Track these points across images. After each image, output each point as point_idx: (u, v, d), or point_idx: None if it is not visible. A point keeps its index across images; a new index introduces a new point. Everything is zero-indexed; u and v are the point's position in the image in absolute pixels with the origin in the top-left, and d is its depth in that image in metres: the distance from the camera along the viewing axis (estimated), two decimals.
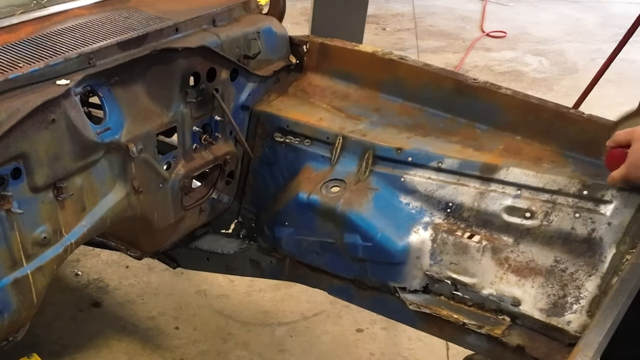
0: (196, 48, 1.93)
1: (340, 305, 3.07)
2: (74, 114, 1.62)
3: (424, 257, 1.98)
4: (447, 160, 1.93)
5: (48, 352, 2.74)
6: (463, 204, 1.91)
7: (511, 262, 1.85)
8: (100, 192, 1.78)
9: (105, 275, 3.29)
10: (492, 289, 1.89)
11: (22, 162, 1.53)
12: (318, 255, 2.17)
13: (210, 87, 2.02)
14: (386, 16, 7.06)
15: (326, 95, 2.26)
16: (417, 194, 1.97)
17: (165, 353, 2.87)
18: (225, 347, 2.92)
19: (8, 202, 1.53)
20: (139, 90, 1.83)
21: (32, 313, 1.70)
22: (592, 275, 1.74)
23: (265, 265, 2.37)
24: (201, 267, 2.51)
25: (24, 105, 1.51)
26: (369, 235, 2.03)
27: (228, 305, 3.16)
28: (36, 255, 1.64)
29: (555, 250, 1.79)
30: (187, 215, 2.14)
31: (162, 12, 2.03)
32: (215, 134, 2.10)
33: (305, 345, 2.96)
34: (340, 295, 2.28)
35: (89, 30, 1.86)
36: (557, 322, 1.80)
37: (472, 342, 1.98)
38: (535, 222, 1.81)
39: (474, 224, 1.90)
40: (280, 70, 2.29)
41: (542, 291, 1.81)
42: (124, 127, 1.78)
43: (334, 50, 2.28)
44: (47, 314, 2.95)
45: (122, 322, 3.01)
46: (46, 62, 1.64)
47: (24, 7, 1.94)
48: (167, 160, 2.00)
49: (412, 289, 2.04)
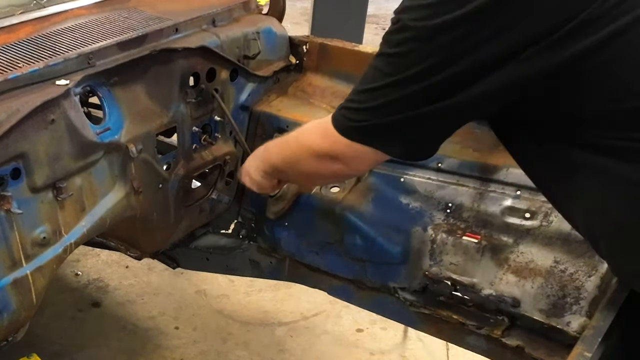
0: (196, 48, 1.93)
1: (340, 305, 3.07)
2: (74, 114, 1.62)
3: (423, 258, 1.97)
4: (447, 161, 1.93)
5: (48, 352, 2.74)
6: (463, 204, 1.91)
7: (511, 263, 1.84)
8: (99, 192, 1.78)
9: (105, 275, 3.29)
10: (491, 289, 1.88)
11: (21, 162, 1.53)
12: (318, 255, 2.18)
13: (210, 87, 2.02)
14: (386, 16, 7.03)
15: (326, 95, 2.26)
16: (417, 194, 1.97)
17: (165, 353, 2.87)
18: (225, 347, 2.92)
19: (8, 202, 1.52)
20: (138, 91, 1.83)
21: (31, 313, 1.70)
22: (592, 275, 1.74)
23: (265, 266, 2.37)
24: (201, 267, 2.52)
25: (23, 105, 1.50)
26: (368, 236, 2.03)
27: (228, 305, 3.16)
28: (36, 256, 1.64)
29: (555, 250, 1.78)
30: (187, 215, 2.14)
31: (162, 12, 2.03)
32: (215, 134, 2.10)
33: (305, 345, 2.96)
34: (340, 295, 2.28)
35: (89, 30, 1.86)
36: (557, 323, 1.80)
37: (472, 343, 1.99)
38: (535, 222, 1.81)
39: (473, 224, 1.90)
40: (280, 71, 2.29)
41: (542, 292, 1.80)
42: (123, 127, 1.78)
43: (334, 50, 2.28)
44: (47, 314, 2.95)
45: (122, 322, 3.01)
46: (46, 62, 1.64)
47: (24, 7, 1.94)
48: (167, 161, 2.00)
49: (412, 290, 2.04)
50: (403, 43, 1.16)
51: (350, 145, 1.30)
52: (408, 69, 1.15)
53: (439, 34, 1.11)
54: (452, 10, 1.09)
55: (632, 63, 1.09)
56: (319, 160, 1.42)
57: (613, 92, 1.11)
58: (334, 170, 1.41)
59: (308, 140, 1.46)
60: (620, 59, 1.09)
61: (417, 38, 1.14)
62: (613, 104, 1.11)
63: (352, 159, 1.35)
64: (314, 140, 1.43)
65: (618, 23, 1.06)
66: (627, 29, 1.07)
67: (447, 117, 1.20)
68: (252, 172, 1.77)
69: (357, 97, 1.27)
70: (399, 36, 1.16)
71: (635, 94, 1.10)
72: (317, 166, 1.45)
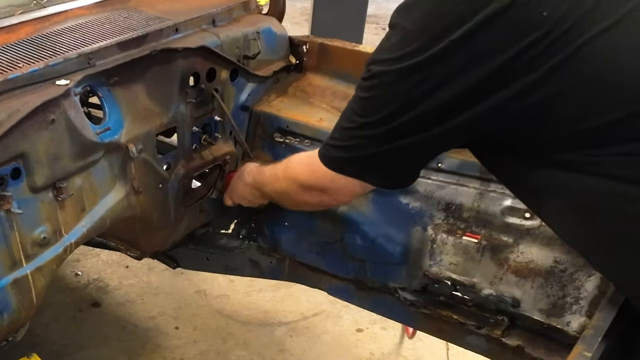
0: (196, 48, 1.93)
1: (340, 305, 3.07)
2: (74, 114, 1.62)
3: (423, 258, 1.98)
4: (447, 161, 1.93)
5: (48, 352, 2.74)
6: (463, 204, 1.91)
7: (511, 263, 1.85)
8: (100, 192, 1.78)
9: (105, 275, 3.29)
10: (491, 289, 1.89)
11: (21, 162, 1.53)
12: (318, 255, 2.18)
13: (210, 87, 2.01)
14: (386, 16, 7.01)
15: (326, 95, 2.26)
16: (417, 194, 1.97)
17: (165, 353, 2.87)
18: (225, 347, 2.92)
19: (8, 202, 1.52)
20: (138, 91, 1.83)
21: (31, 313, 1.69)
22: (592, 275, 1.74)
23: (265, 265, 2.37)
24: (201, 267, 2.51)
25: (23, 105, 1.50)
26: (368, 236, 2.03)
27: (228, 305, 3.16)
28: (36, 256, 1.63)
29: (555, 250, 1.79)
30: (187, 215, 2.14)
31: (162, 12, 2.03)
32: (215, 134, 2.10)
33: (305, 345, 2.96)
34: (340, 295, 2.28)
35: (89, 30, 1.85)
36: (557, 323, 1.80)
37: (472, 343, 1.99)
38: (535, 222, 1.81)
39: (473, 224, 1.90)
40: (280, 71, 2.28)
41: (542, 292, 1.81)
42: (123, 127, 1.78)
43: (333, 50, 2.28)
44: (47, 314, 2.95)
45: (122, 322, 3.02)
46: (46, 62, 1.63)
47: (24, 7, 1.94)
48: (167, 161, 1.99)
49: (412, 289, 2.04)
50: (371, 89, 1.31)
51: (335, 178, 1.44)
52: (377, 112, 1.29)
53: (398, 82, 1.25)
54: (408, 59, 1.22)
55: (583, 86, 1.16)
56: (306, 192, 1.59)
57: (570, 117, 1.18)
58: (321, 200, 1.57)
59: (296, 174, 1.64)
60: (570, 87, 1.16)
61: (382, 85, 1.28)
62: (573, 126, 1.18)
63: (338, 190, 1.49)
64: (302, 173, 1.60)
65: (566, 51, 1.14)
66: (575, 55, 1.14)
67: (417, 151, 1.33)
68: (247, 195, 2.01)
69: (337, 135, 1.42)
70: (369, 83, 1.31)
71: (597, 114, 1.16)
72: (305, 197, 1.62)
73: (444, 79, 1.20)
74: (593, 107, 1.16)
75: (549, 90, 1.16)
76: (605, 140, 1.16)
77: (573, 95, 1.16)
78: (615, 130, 1.15)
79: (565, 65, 1.14)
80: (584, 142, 1.18)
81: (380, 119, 1.29)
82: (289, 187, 1.68)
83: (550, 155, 1.23)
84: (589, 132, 1.17)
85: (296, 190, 1.64)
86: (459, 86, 1.20)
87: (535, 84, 1.16)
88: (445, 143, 1.35)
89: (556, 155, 1.22)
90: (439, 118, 1.24)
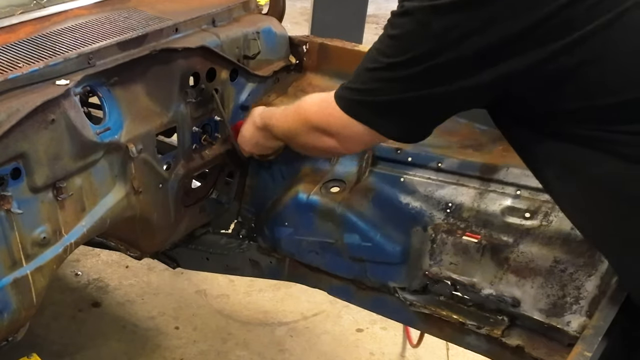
0: (196, 48, 1.93)
1: (340, 305, 3.07)
2: (74, 114, 1.62)
3: (423, 258, 1.98)
4: (447, 161, 1.93)
5: (48, 352, 2.74)
6: (463, 204, 1.91)
7: (511, 263, 1.84)
8: (99, 192, 1.78)
9: (105, 275, 3.29)
10: (491, 289, 1.89)
11: (21, 162, 1.53)
12: (318, 255, 2.18)
13: (210, 87, 2.02)
14: (386, 16, 6.99)
15: None
16: (417, 194, 1.97)
17: (165, 353, 2.87)
18: (225, 347, 2.93)
19: (8, 202, 1.52)
20: (138, 91, 1.83)
21: (31, 313, 1.70)
22: (592, 275, 1.74)
23: (265, 265, 2.37)
24: (201, 267, 2.51)
25: (23, 105, 1.50)
26: (368, 236, 2.03)
27: (228, 305, 3.16)
28: (36, 256, 1.63)
29: (555, 250, 1.78)
30: (187, 215, 2.14)
31: (162, 12, 2.03)
32: (215, 134, 2.10)
33: (305, 345, 2.96)
34: (340, 295, 2.28)
35: (89, 30, 1.86)
36: (557, 323, 1.80)
37: (472, 342, 1.99)
38: (535, 222, 1.81)
39: (473, 224, 1.90)
40: (280, 71, 2.28)
41: (542, 291, 1.81)
42: (123, 127, 1.78)
43: (333, 50, 2.28)
44: (47, 314, 2.95)
45: (122, 322, 3.02)
46: (46, 62, 1.64)
47: (24, 7, 1.94)
48: (167, 161, 1.99)
49: (412, 289, 2.04)
50: (402, 26, 1.22)
51: (348, 124, 1.35)
52: (405, 52, 1.21)
53: (432, 21, 1.16)
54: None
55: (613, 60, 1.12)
56: (316, 134, 1.50)
57: (591, 89, 1.14)
58: (329, 146, 1.48)
59: (308, 114, 1.54)
60: (599, 58, 1.12)
61: (416, 22, 1.19)
62: (590, 101, 1.14)
63: (348, 137, 1.40)
64: (315, 113, 1.50)
65: (597, 22, 1.10)
66: (607, 27, 1.10)
67: (442, 102, 1.25)
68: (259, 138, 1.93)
69: (358, 77, 1.33)
70: (401, 20, 1.22)
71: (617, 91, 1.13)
72: (313, 140, 1.53)
73: (481, 25, 1.13)
74: (624, 81, 1.12)
75: (585, 54, 1.11)
76: (632, 117, 1.13)
77: (607, 64, 1.12)
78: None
79: (602, 33, 1.10)
80: (606, 116, 1.14)
81: (407, 59, 1.20)
82: (299, 127, 1.60)
83: (570, 128, 1.18)
84: (614, 107, 1.13)
85: (306, 131, 1.56)
86: (494, 35, 1.13)
87: (570, 45, 1.11)
88: (465, 101, 1.27)
89: (574, 129, 1.18)
90: (467, 69, 1.17)
